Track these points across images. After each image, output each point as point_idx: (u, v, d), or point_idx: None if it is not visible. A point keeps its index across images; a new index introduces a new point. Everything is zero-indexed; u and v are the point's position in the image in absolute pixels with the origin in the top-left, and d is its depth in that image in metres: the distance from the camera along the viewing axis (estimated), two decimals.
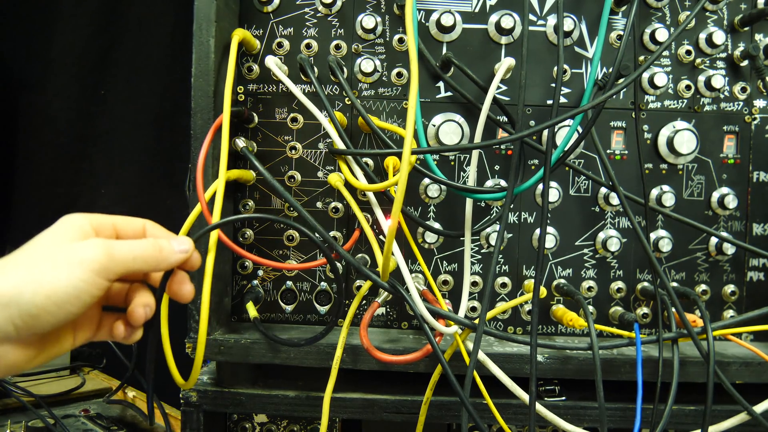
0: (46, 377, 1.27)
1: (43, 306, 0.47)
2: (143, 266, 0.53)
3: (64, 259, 0.48)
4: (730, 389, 0.74)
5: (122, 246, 0.51)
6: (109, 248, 0.50)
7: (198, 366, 0.67)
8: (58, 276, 0.48)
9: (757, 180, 0.88)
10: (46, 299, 0.47)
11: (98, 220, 0.54)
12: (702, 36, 0.86)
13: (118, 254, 0.50)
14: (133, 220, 0.57)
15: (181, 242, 0.56)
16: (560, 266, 0.87)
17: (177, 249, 0.55)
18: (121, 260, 0.50)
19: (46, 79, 1.56)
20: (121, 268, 0.50)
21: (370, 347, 0.75)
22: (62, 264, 0.48)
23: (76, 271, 0.48)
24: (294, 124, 0.86)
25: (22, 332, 0.47)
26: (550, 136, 0.78)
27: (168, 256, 0.55)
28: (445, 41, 0.86)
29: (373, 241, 0.77)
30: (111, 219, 0.56)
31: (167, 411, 1.11)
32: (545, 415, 0.75)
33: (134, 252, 0.52)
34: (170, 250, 0.55)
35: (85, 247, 0.49)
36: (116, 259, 0.50)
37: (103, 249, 0.50)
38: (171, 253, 0.55)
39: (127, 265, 0.51)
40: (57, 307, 0.47)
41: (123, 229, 0.56)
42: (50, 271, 0.48)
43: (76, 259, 0.48)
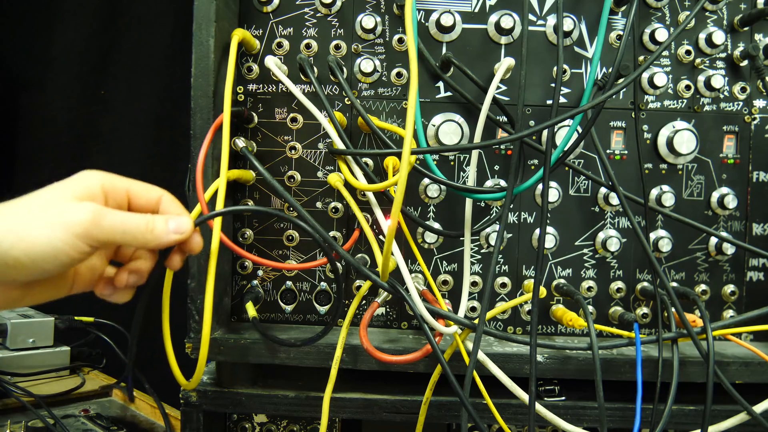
0: (46, 377, 1.27)
1: (18, 259, 0.47)
2: (132, 242, 0.52)
3: (50, 217, 0.48)
4: (729, 389, 0.74)
5: (114, 216, 0.50)
6: (99, 216, 0.49)
7: (201, 366, 0.67)
8: (39, 233, 0.47)
9: (756, 180, 0.88)
10: (23, 253, 0.47)
11: (113, 182, 0.53)
12: (702, 36, 0.86)
13: (106, 224, 0.49)
14: (150, 188, 0.56)
15: (179, 224, 0.54)
16: (560, 266, 0.87)
17: (171, 229, 0.54)
18: (108, 230, 0.50)
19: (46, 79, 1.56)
20: (106, 237, 0.50)
21: (369, 347, 0.75)
22: (47, 221, 0.48)
23: (58, 232, 0.48)
24: (294, 124, 0.86)
25: (1, 277, 0.48)
26: (550, 136, 0.78)
27: (159, 236, 0.53)
28: (444, 41, 0.86)
29: (373, 241, 0.77)
30: (127, 184, 0.55)
31: (167, 411, 1.11)
32: (545, 415, 0.75)
33: (125, 225, 0.51)
34: (163, 230, 0.53)
35: (74, 209, 0.49)
36: (103, 227, 0.49)
37: (91, 215, 0.49)
38: (163, 234, 0.53)
39: (113, 236, 0.50)
40: (32, 262, 0.47)
41: (136, 197, 0.55)
42: (34, 226, 0.48)
43: (62, 219, 0.48)
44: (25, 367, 1.25)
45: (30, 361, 1.27)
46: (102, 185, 0.53)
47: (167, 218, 0.54)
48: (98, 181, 0.53)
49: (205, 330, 0.65)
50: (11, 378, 1.20)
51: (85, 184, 0.52)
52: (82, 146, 1.57)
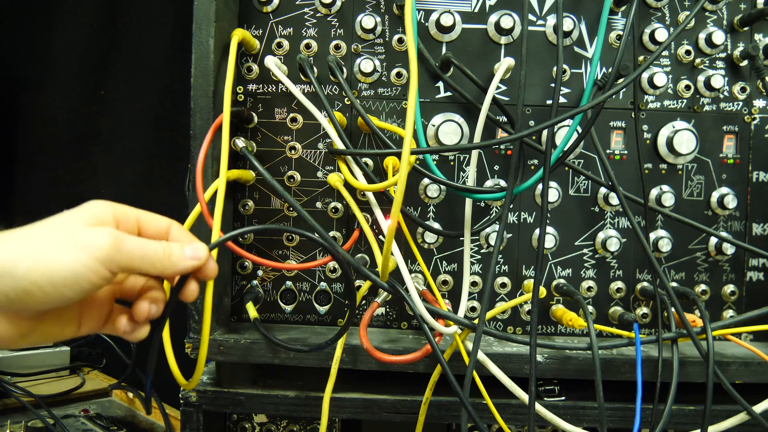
0: (46, 377, 1.27)
1: (37, 283, 0.46)
2: (150, 269, 0.51)
3: (70, 241, 0.47)
4: (729, 389, 0.74)
5: (133, 242, 0.50)
6: (119, 240, 0.48)
7: (201, 366, 0.67)
8: (59, 256, 0.46)
9: (756, 180, 0.88)
10: (42, 277, 0.46)
11: (122, 211, 0.53)
12: (701, 36, 0.86)
13: (126, 249, 0.49)
14: (159, 218, 0.56)
15: (194, 249, 0.54)
16: (560, 266, 0.87)
17: (188, 255, 0.53)
18: (127, 255, 0.49)
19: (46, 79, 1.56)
20: (126, 263, 0.49)
21: (369, 347, 0.75)
22: (67, 245, 0.47)
23: (80, 255, 0.46)
24: (293, 124, 0.86)
25: (14, 306, 0.46)
26: (550, 136, 0.78)
27: (176, 263, 0.53)
28: (444, 41, 0.86)
29: (373, 241, 0.77)
30: (136, 213, 0.54)
31: (167, 411, 1.11)
32: (545, 415, 0.75)
33: (144, 251, 0.50)
34: (180, 257, 0.53)
35: (94, 234, 0.48)
36: (123, 252, 0.48)
37: (112, 239, 0.48)
38: (180, 260, 0.53)
39: (132, 262, 0.49)
40: (52, 287, 0.46)
41: (146, 226, 0.55)
42: (52, 250, 0.46)
43: (83, 243, 0.47)
44: (25, 367, 1.25)
45: (30, 361, 1.27)
46: (113, 214, 0.52)
47: (183, 245, 0.54)
48: (109, 209, 0.52)
49: (205, 330, 0.65)
50: (11, 378, 1.20)
51: (97, 212, 0.51)
52: (82, 146, 1.57)
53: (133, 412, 1.21)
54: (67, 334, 0.53)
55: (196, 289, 0.56)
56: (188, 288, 0.55)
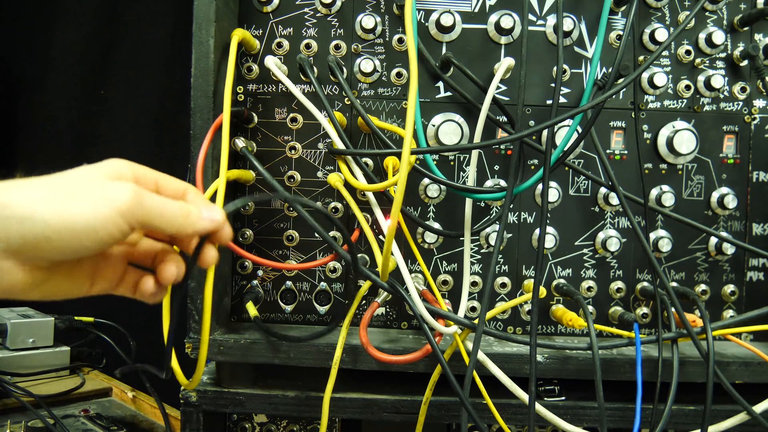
0: (46, 377, 1.27)
1: (57, 230, 0.45)
2: (168, 226, 0.51)
3: (91, 191, 0.47)
4: (729, 389, 0.74)
5: (153, 198, 0.50)
6: (140, 195, 0.49)
7: (201, 366, 0.67)
8: (80, 204, 0.46)
9: (756, 180, 0.88)
10: (62, 223, 0.45)
11: (141, 171, 0.54)
12: (701, 36, 0.86)
13: (147, 204, 0.49)
14: (176, 181, 0.56)
15: (211, 211, 0.54)
16: (560, 266, 0.87)
17: (205, 216, 0.53)
18: (148, 210, 0.49)
19: (46, 78, 1.56)
20: (145, 218, 0.49)
21: (369, 347, 0.75)
22: (88, 194, 0.47)
23: (100, 205, 0.46)
24: (293, 124, 0.86)
25: (31, 251, 0.46)
26: (550, 136, 0.78)
27: (194, 222, 0.53)
28: (444, 41, 0.86)
29: (373, 241, 0.77)
30: (155, 174, 0.55)
31: (167, 411, 1.11)
32: (545, 415, 0.75)
33: (163, 208, 0.50)
34: (197, 217, 0.53)
35: (116, 186, 0.48)
36: (144, 207, 0.48)
37: (133, 192, 0.48)
38: (197, 220, 0.53)
39: (152, 217, 0.49)
40: (72, 234, 0.46)
41: (164, 187, 0.55)
42: (74, 199, 0.46)
43: (104, 193, 0.47)
44: (25, 367, 1.25)
45: (30, 361, 1.27)
46: (133, 172, 0.53)
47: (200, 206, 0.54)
48: (129, 167, 0.52)
49: (205, 330, 0.65)
50: (11, 378, 1.20)
51: (117, 168, 0.52)
52: (82, 146, 1.57)
53: (134, 412, 1.21)
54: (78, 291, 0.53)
55: (215, 254, 0.56)
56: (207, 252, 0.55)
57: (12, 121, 1.59)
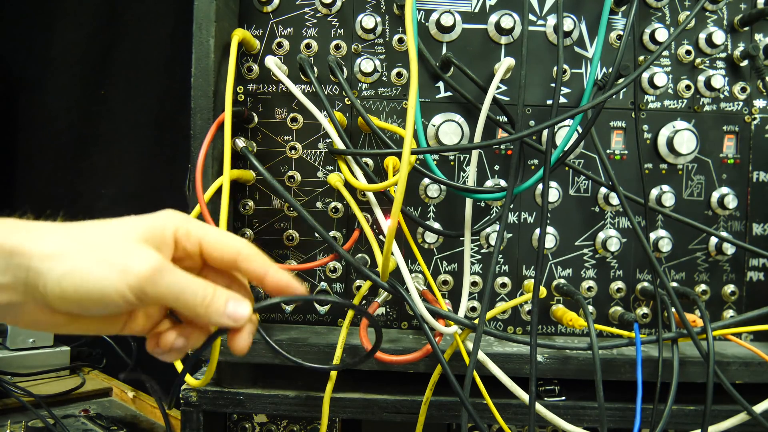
0: (46, 377, 1.27)
1: (65, 291, 0.44)
2: (183, 310, 0.47)
3: (110, 254, 0.45)
4: (729, 389, 0.74)
5: (174, 278, 0.46)
6: (160, 272, 0.45)
7: (213, 366, 0.67)
8: (93, 269, 0.44)
9: (756, 180, 0.88)
10: (72, 285, 0.44)
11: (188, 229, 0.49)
12: (702, 36, 0.86)
13: (164, 283, 0.45)
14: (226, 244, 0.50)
15: (236, 306, 0.48)
16: (560, 266, 0.87)
17: (227, 312, 0.48)
18: (162, 290, 0.45)
19: (46, 79, 1.56)
20: (158, 297, 0.46)
21: (369, 347, 0.75)
22: (105, 258, 0.44)
23: (111, 275, 0.44)
24: (294, 124, 0.86)
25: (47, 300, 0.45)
26: (550, 136, 0.78)
27: (211, 314, 0.48)
28: (444, 41, 0.86)
29: (373, 241, 0.77)
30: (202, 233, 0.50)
31: (167, 411, 1.10)
32: (545, 415, 0.75)
33: (182, 291, 0.46)
34: (218, 310, 0.48)
35: (138, 256, 0.45)
36: (159, 285, 0.45)
37: (152, 270, 0.45)
38: (217, 314, 0.48)
39: (166, 299, 0.46)
40: (78, 299, 0.44)
41: (210, 248, 0.50)
42: (90, 259, 0.44)
43: (120, 263, 0.44)
44: (25, 367, 1.25)
45: (30, 361, 1.27)
46: (176, 231, 0.49)
47: (228, 298, 0.48)
48: (172, 227, 0.49)
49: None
50: (11, 378, 1.20)
51: (158, 228, 0.48)
52: (82, 146, 1.57)
53: (134, 412, 1.21)
54: (111, 331, 0.51)
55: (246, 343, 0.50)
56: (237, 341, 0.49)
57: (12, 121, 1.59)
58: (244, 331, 0.49)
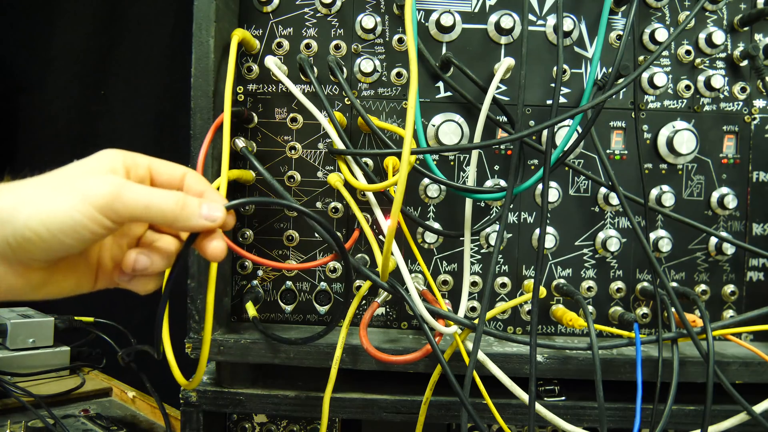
0: (46, 377, 1.27)
1: (36, 230, 0.44)
2: (157, 219, 0.48)
3: (69, 189, 0.46)
4: (729, 389, 0.74)
5: (137, 190, 0.47)
6: (121, 188, 0.46)
7: (202, 366, 0.67)
8: (57, 203, 0.45)
9: (756, 180, 0.88)
10: (40, 224, 0.44)
11: (134, 159, 0.51)
12: (702, 36, 0.86)
13: (128, 197, 0.46)
14: (173, 166, 0.53)
15: (211, 208, 0.49)
16: (560, 266, 0.87)
17: (204, 213, 0.49)
18: (130, 204, 0.46)
19: (46, 79, 1.56)
20: (128, 212, 0.46)
21: (369, 347, 0.75)
22: (66, 193, 0.45)
23: (77, 202, 0.45)
24: (293, 124, 0.86)
25: (18, 254, 0.45)
26: (550, 136, 0.78)
27: (189, 217, 0.48)
28: (444, 41, 0.86)
29: (373, 241, 0.77)
30: (148, 160, 0.52)
31: (167, 411, 1.11)
32: (545, 415, 0.75)
33: (150, 200, 0.47)
34: (194, 212, 0.48)
35: (95, 181, 0.46)
36: (124, 201, 0.45)
37: (112, 187, 0.46)
38: (193, 215, 0.48)
39: (136, 211, 0.46)
40: (50, 234, 0.45)
41: (159, 173, 0.52)
42: (51, 197, 0.45)
43: (82, 190, 0.45)
44: (25, 367, 1.25)
45: (30, 361, 1.27)
46: (123, 161, 0.50)
47: (201, 201, 0.50)
48: (120, 157, 0.50)
49: (207, 330, 0.65)
50: (11, 378, 1.20)
51: (106, 161, 0.50)
52: (82, 146, 1.56)
53: (133, 412, 1.21)
54: (84, 287, 0.51)
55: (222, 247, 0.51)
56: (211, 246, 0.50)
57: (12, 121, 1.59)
58: (218, 234, 0.50)
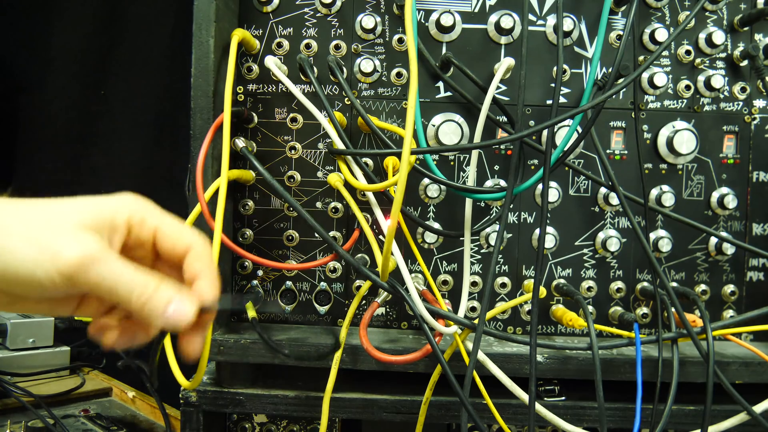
0: (46, 377, 1.27)
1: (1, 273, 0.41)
2: (122, 304, 0.43)
3: (42, 239, 0.42)
4: (729, 389, 0.74)
5: (109, 268, 0.42)
6: (92, 261, 0.42)
7: (203, 366, 0.67)
8: (24, 252, 0.41)
9: (756, 180, 0.88)
10: (6, 268, 0.41)
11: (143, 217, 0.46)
12: (702, 36, 0.86)
13: (95, 274, 0.42)
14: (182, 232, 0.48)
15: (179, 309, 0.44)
16: (560, 266, 0.87)
17: (168, 313, 0.44)
18: (95, 281, 0.42)
19: (46, 79, 1.56)
20: (89, 287, 0.42)
21: (369, 347, 0.75)
22: (36, 242, 0.41)
23: (41, 259, 0.41)
24: (293, 124, 0.86)
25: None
26: (550, 136, 0.78)
27: (149, 313, 0.43)
28: (444, 41, 0.86)
29: (373, 241, 0.77)
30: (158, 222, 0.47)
31: (167, 411, 1.10)
32: (545, 415, 0.75)
33: (116, 283, 0.43)
34: (156, 308, 0.44)
35: (69, 243, 0.42)
36: (90, 276, 0.42)
37: (83, 257, 0.41)
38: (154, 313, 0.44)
39: (99, 289, 0.42)
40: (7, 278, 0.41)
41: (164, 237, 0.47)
42: (20, 241, 0.41)
43: (52, 247, 0.41)
44: (25, 367, 1.25)
45: (30, 361, 1.27)
46: (130, 217, 0.46)
47: (171, 297, 0.45)
48: (128, 210, 0.46)
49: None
50: (11, 378, 1.20)
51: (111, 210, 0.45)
52: (82, 146, 1.57)
53: (133, 412, 1.21)
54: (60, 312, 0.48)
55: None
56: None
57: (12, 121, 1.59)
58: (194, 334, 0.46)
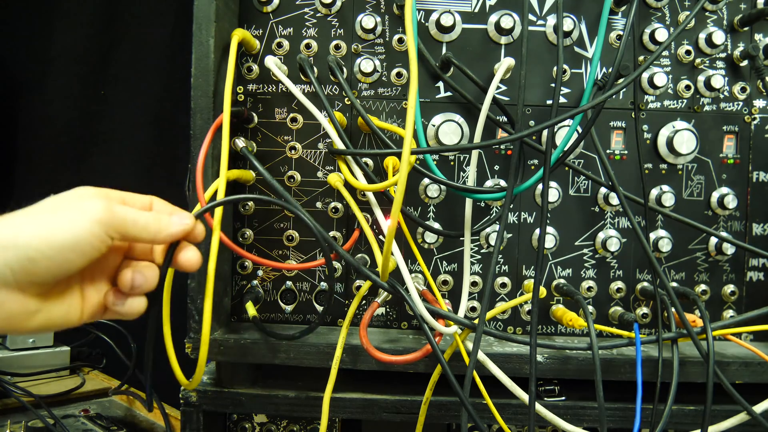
0: (46, 377, 1.27)
1: (39, 249, 0.47)
2: (143, 233, 0.54)
3: (66, 209, 0.50)
4: (729, 389, 0.74)
5: (124, 208, 0.53)
6: (112, 205, 0.52)
7: (202, 366, 0.67)
8: (58, 221, 0.49)
9: (756, 180, 0.88)
10: (44, 242, 0.47)
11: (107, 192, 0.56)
12: (702, 36, 0.86)
13: (119, 213, 0.52)
14: (140, 195, 0.60)
15: (181, 217, 0.58)
16: (560, 266, 0.87)
17: (175, 221, 0.57)
18: (122, 218, 0.52)
19: (46, 79, 1.56)
20: (121, 226, 0.52)
21: (369, 347, 0.75)
22: (65, 212, 0.50)
23: (77, 219, 0.49)
24: (294, 124, 0.86)
25: (19, 277, 0.47)
26: (550, 136, 0.78)
27: (167, 226, 0.56)
28: (444, 41, 0.86)
29: (373, 241, 0.77)
30: (119, 193, 0.58)
31: (167, 411, 1.11)
32: (545, 415, 0.75)
33: (136, 216, 0.53)
34: (169, 221, 0.57)
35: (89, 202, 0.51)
36: (118, 216, 0.52)
37: (106, 204, 0.51)
38: (169, 224, 0.57)
39: (127, 225, 0.52)
40: (55, 251, 0.48)
41: (130, 203, 0.58)
42: (52, 219, 0.49)
43: (79, 208, 0.50)
44: (25, 367, 1.25)
45: (30, 361, 1.27)
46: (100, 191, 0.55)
47: (171, 213, 0.58)
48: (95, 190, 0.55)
49: (205, 330, 0.65)
50: (11, 378, 1.20)
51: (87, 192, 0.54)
52: (82, 146, 1.57)
53: (133, 412, 1.21)
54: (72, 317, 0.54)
55: (196, 255, 0.59)
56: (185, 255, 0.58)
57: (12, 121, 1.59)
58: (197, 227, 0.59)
